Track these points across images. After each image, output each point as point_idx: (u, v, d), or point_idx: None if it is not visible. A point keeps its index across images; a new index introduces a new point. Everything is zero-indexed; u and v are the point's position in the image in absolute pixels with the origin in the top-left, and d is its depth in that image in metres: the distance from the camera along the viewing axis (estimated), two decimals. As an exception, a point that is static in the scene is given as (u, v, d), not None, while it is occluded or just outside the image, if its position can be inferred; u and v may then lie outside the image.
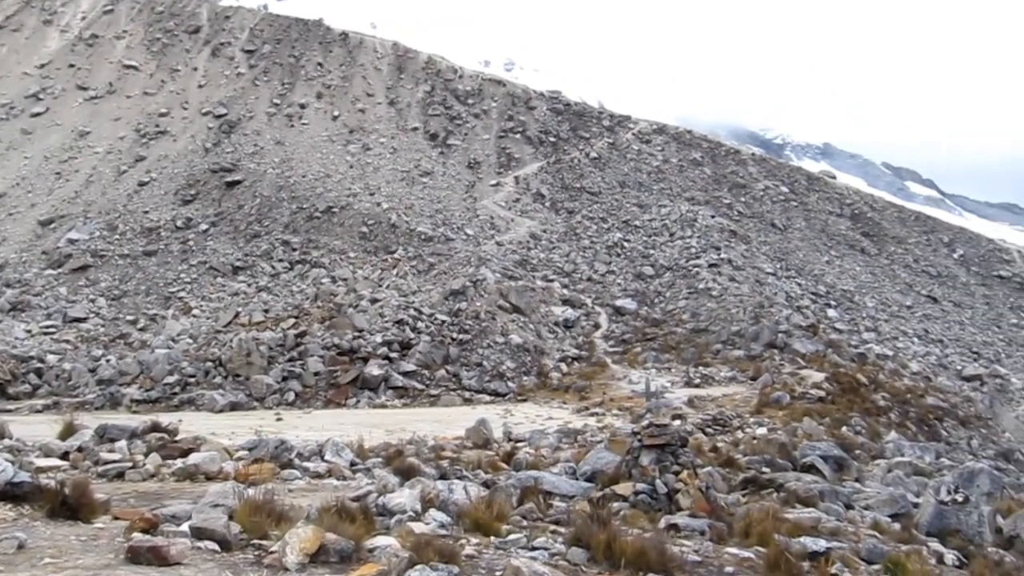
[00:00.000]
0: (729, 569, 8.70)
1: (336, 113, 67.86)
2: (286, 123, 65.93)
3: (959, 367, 46.51)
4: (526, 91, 75.98)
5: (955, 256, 63.71)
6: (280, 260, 50.24)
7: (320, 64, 73.02)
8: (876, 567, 9.68)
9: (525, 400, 34.09)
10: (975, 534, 12.85)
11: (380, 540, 7.71)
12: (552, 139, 69.01)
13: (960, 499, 13.37)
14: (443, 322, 38.67)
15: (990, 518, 13.28)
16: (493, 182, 62.52)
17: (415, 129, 67.51)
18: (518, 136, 68.49)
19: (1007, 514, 13.82)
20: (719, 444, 20.47)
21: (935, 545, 11.99)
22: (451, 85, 73.44)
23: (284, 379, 34.23)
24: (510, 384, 35.70)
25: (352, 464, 15.43)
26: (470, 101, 71.82)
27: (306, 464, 14.74)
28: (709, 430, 23.67)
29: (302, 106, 67.94)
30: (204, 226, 53.80)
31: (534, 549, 8.59)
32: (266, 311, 41.72)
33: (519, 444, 20.71)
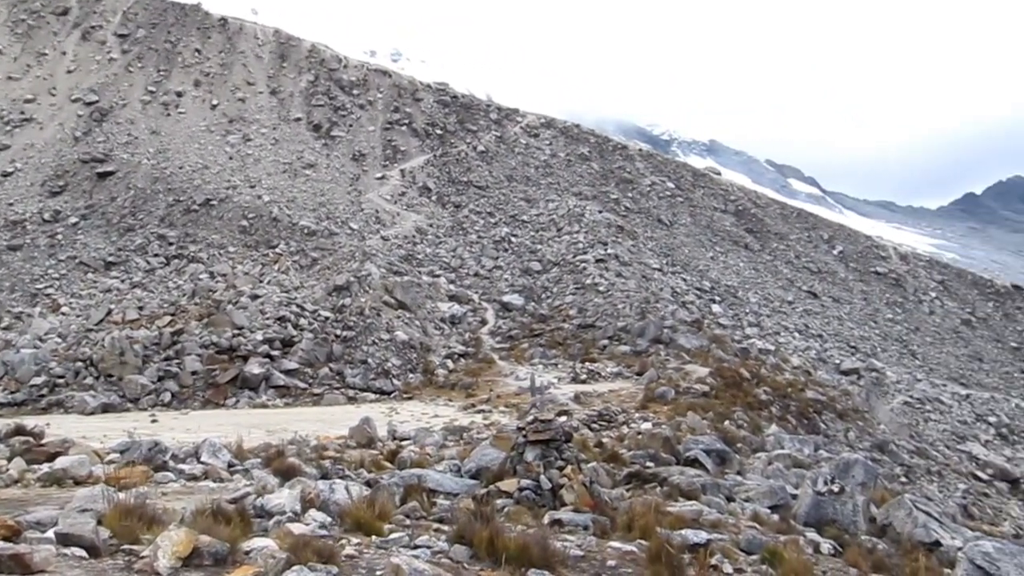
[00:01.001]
0: (612, 563, 8.75)
1: (215, 102, 65.79)
2: (162, 112, 63.61)
3: (837, 361, 47.93)
4: (413, 82, 75.04)
5: (834, 252, 65.72)
6: (155, 255, 48.40)
7: (198, 50, 70.65)
8: (755, 558, 9.82)
9: (411, 398, 33.60)
10: (850, 523, 13.29)
11: (257, 542, 7.55)
12: (439, 132, 68.38)
13: (836, 490, 13.79)
14: (326, 319, 37.84)
15: (864, 507, 13.76)
16: (378, 175, 61.56)
17: (298, 120, 65.98)
18: (404, 128, 67.65)
19: (880, 503, 14.28)
20: (604, 439, 20.53)
21: (812, 535, 12.31)
22: (335, 75, 71.99)
23: (160, 379, 32.97)
24: (395, 382, 35.15)
25: (230, 465, 15.06)
26: (355, 92, 70.55)
27: (181, 466, 14.37)
28: (595, 426, 23.74)
29: (179, 94, 65.65)
30: (74, 219, 51.47)
31: (416, 547, 8.51)
32: (140, 308, 40.19)
33: (404, 442, 20.43)
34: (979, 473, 38.10)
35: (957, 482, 34.20)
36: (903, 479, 30.97)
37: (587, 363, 36.93)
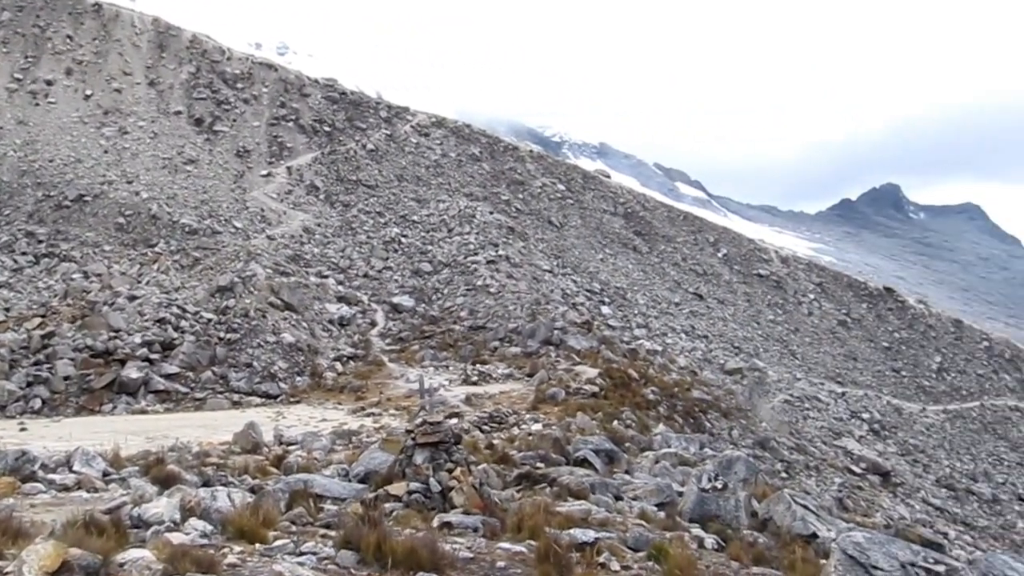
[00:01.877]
0: (501, 564, 8.75)
1: (88, 92, 62.99)
2: (29, 101, 60.71)
3: (722, 361, 49.05)
4: (300, 77, 73.30)
5: (719, 255, 67.17)
6: (23, 253, 46.24)
7: (70, 37, 67.43)
8: (642, 554, 9.94)
9: (298, 402, 32.94)
10: (732, 518, 13.54)
11: (133, 553, 7.21)
12: (327, 129, 67.21)
13: (719, 486, 14.06)
14: (209, 321, 36.75)
15: (746, 503, 14.03)
16: (264, 172, 60.12)
17: (178, 113, 63.88)
18: (291, 124, 66.21)
19: (761, 498, 14.58)
20: (495, 441, 20.56)
21: (696, 531, 12.51)
22: (218, 67, 69.84)
23: (28, 385, 31.28)
24: (282, 385, 34.40)
25: (105, 474, 14.40)
26: (239, 85, 68.64)
27: (52, 476, 13.69)
28: (485, 427, 23.78)
29: (48, 83, 62.68)
30: (-68, 214, 48.85)
31: (302, 554, 8.36)
32: (7, 310, 38.55)
33: (291, 447, 20.14)
34: (853, 467, 39.54)
35: (833, 476, 35.38)
36: (783, 474, 31.87)
37: (478, 365, 36.86)
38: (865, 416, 48.92)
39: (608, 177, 79.44)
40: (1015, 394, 58.05)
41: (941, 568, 9.43)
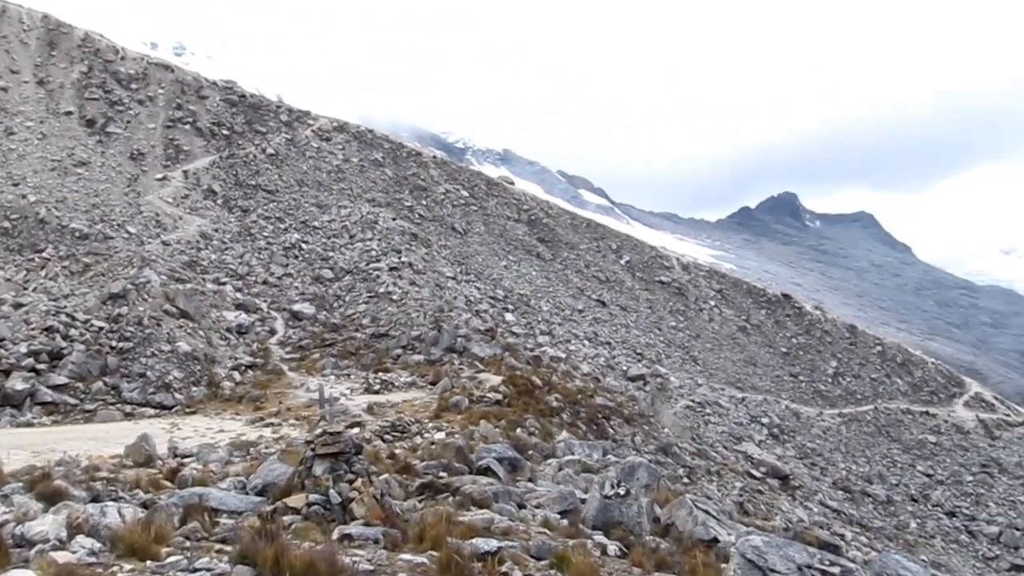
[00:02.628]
0: (402, 575, 8.73)
1: (-29, 90, 60.52)
2: (-91, 100, 58.00)
3: (625, 368, 49.45)
4: (197, 79, 71.31)
5: (622, 262, 67.82)
6: None
7: (-48, 33, 64.68)
8: (544, 563, 10.02)
9: (194, 412, 31.91)
10: (635, 524, 13.81)
11: (15, 574, 7.11)
12: (226, 132, 65.57)
13: (622, 493, 14.28)
14: (100, 329, 35.38)
15: (648, 509, 14.29)
16: (159, 176, 58.33)
17: (69, 113, 61.51)
18: (188, 127, 64.40)
19: (664, 504, 14.87)
20: (397, 451, 20.33)
21: (599, 538, 12.70)
22: (112, 67, 67.48)
23: (-98, 396, 29.82)
24: (177, 396, 33.30)
25: None
26: (134, 86, 66.43)
27: None
28: (388, 437, 23.49)
29: (-70, 81, 60.06)
30: None
31: (196, 571, 8.18)
32: None
33: (186, 460, 19.50)
34: (754, 471, 40.21)
35: (734, 480, 35.89)
36: (685, 480, 32.18)
37: (380, 373, 36.40)
38: (765, 421, 49.93)
39: (512, 184, 79.48)
40: (907, 397, 60.02)
41: (836, 570, 9.75)
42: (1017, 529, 46.10)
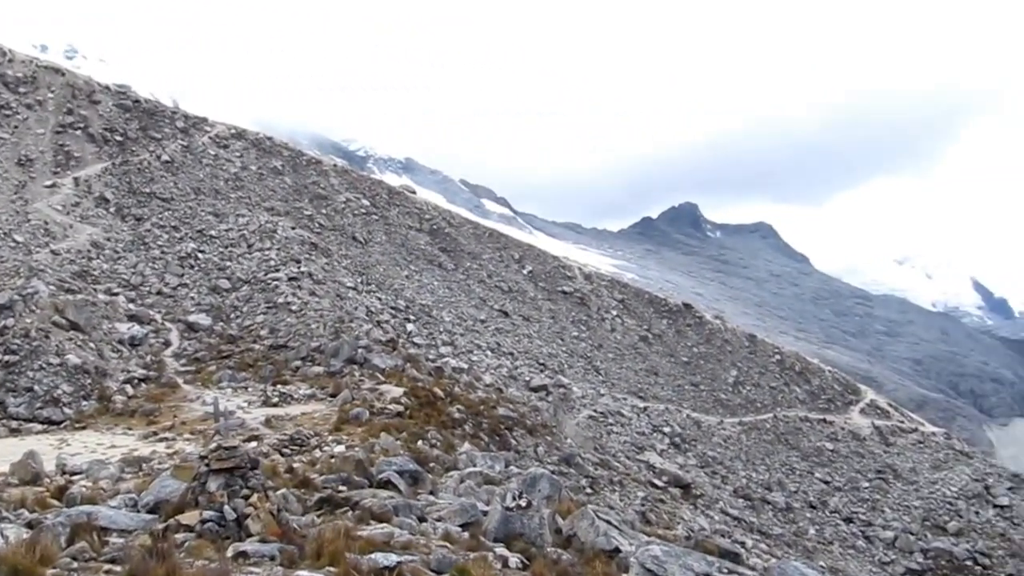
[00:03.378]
0: None
1: None
2: None
3: (527, 378, 49.45)
4: (89, 83, 68.75)
5: (524, 272, 67.92)
6: None
7: None
8: None
9: (84, 428, 30.78)
10: (536, 536, 13.83)
11: None
12: (119, 138, 63.38)
13: (523, 504, 14.27)
14: (-16, 341, 33.90)
15: (550, 520, 14.46)
16: (48, 183, 56.08)
17: (-48, 119, 59.04)
18: (79, 133, 62.09)
19: (566, 515, 15.04)
20: (296, 464, 20.01)
21: (500, 550, 12.69)
22: (-1, 71, 65.08)
23: None
24: (67, 410, 32.09)
25: None
26: (22, 90, 63.74)
27: None
28: (286, 450, 23.10)
29: None
30: None
31: None
32: None
33: (75, 477, 18.92)
34: (656, 481, 40.61)
35: (637, 490, 36.14)
36: (588, 490, 32.29)
37: (279, 385, 35.62)
38: (666, 430, 50.49)
39: (414, 193, 78.98)
40: (805, 405, 61.50)
41: (735, 577, 9.91)
42: (911, 534, 47.53)
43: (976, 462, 57.04)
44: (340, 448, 22.98)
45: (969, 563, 46.29)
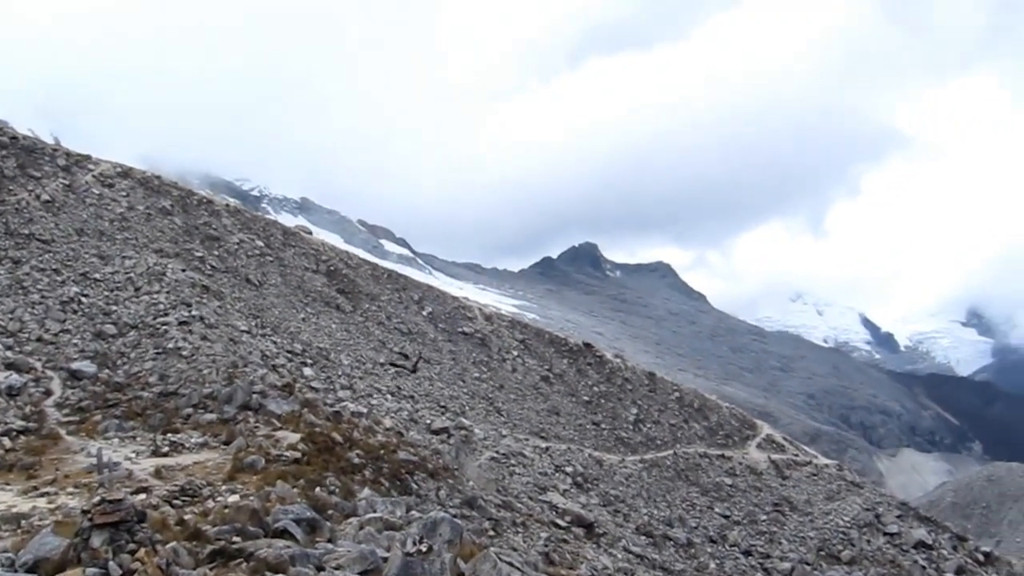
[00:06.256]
0: None
1: None
2: None
3: (428, 421, 48.67)
4: (-36, 123, 66.26)
5: (424, 313, 67.23)
6: None
7: None
8: None
9: (-44, 483, 28.93)
10: None
11: None
12: (-5, 179, 60.81)
13: (424, 549, 14.31)
14: None
15: (451, 564, 14.48)
16: (-81, 227, 53.39)
17: None
18: (-47, 174, 59.39)
19: (468, 558, 15.16)
20: (187, 516, 18.99)
21: None
22: None
23: None
24: (-65, 465, 30.09)
25: None
26: None
27: None
28: (177, 501, 22.03)
29: None
30: None
31: None
32: None
33: None
34: (559, 521, 40.27)
35: (540, 531, 35.74)
36: (491, 532, 31.76)
37: (169, 434, 34.14)
38: (569, 469, 50.25)
39: (310, 233, 77.53)
40: (704, 441, 62.16)
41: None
42: (807, 564, 48.19)
43: (867, 492, 58.47)
44: (234, 497, 22.07)
45: (862, 591, 47.43)
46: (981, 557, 52.37)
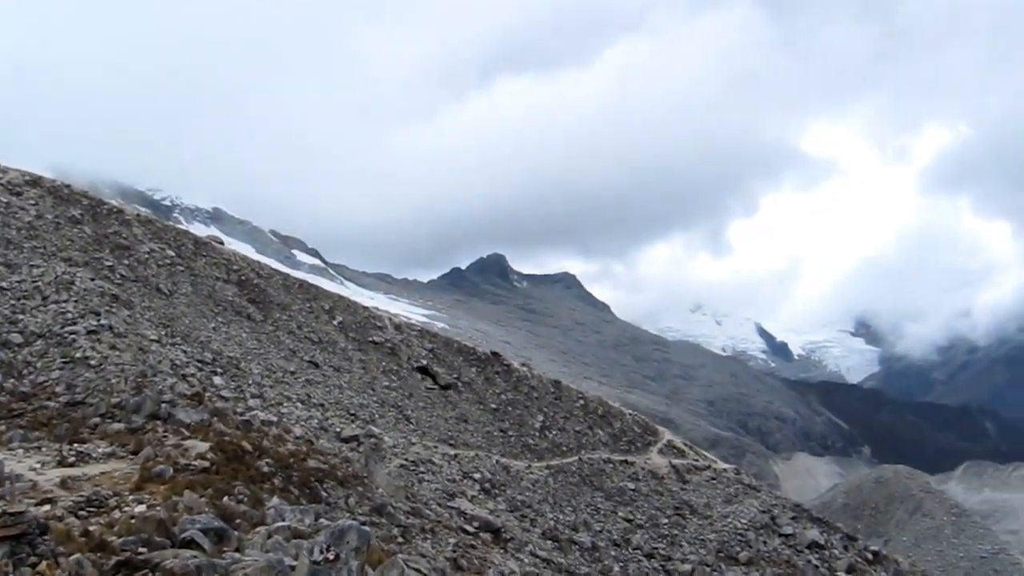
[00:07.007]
0: None
1: None
2: None
3: (338, 429, 48.95)
4: None
5: (335, 323, 67.30)
6: None
7: None
8: None
9: None
10: None
11: None
12: None
13: (331, 557, 14.45)
14: None
15: (359, 571, 14.58)
16: None
17: None
18: None
19: (376, 565, 15.24)
20: (92, 527, 18.97)
21: None
22: None
23: None
24: None
25: None
26: None
27: None
28: (82, 512, 21.98)
29: None
30: None
31: None
32: None
33: None
34: (467, 527, 41.04)
35: (448, 537, 36.47)
36: (400, 539, 32.36)
37: (76, 444, 33.91)
38: (477, 476, 51.04)
39: (221, 243, 76.93)
40: (608, 447, 63.51)
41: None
42: (707, 565, 49.75)
43: (763, 495, 60.39)
44: (141, 508, 22.01)
45: (758, 592, 49.17)
46: (870, 556, 54.42)
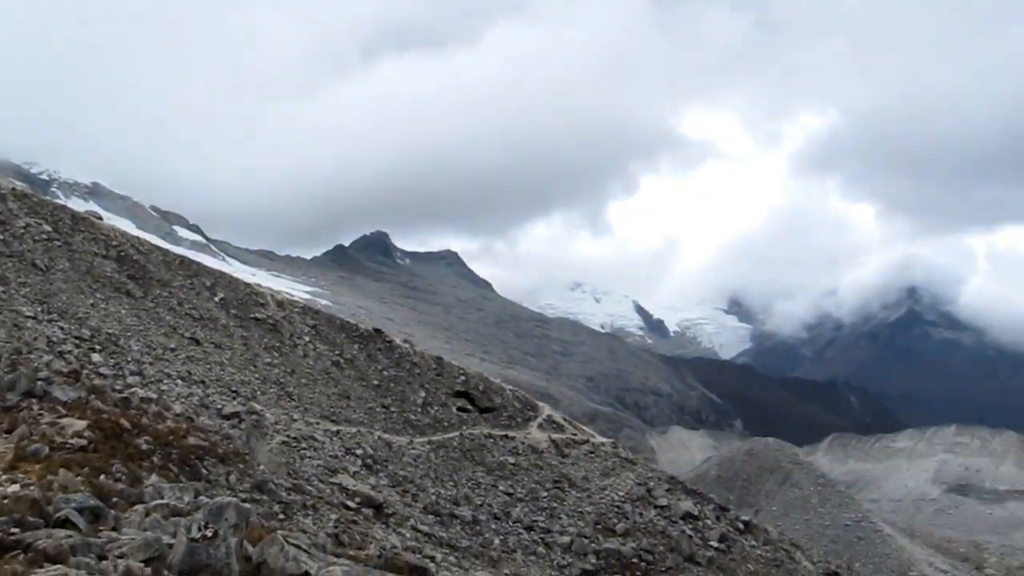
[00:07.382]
0: None
1: None
2: None
3: (220, 406, 48.63)
4: None
5: (216, 300, 66.39)
6: None
7: None
8: None
9: None
10: (224, 566, 13.97)
11: None
12: None
13: (209, 534, 14.36)
14: None
15: (237, 548, 14.52)
16: None
17: None
18: None
19: (256, 542, 15.20)
20: None
21: None
22: None
23: None
24: None
25: None
26: None
27: None
28: None
29: None
30: None
31: None
32: None
33: None
34: (349, 502, 41.51)
35: (330, 513, 36.93)
36: (281, 516, 32.67)
37: (-54, 423, 33.36)
38: (359, 452, 51.47)
39: (100, 219, 74.79)
40: (489, 423, 64.48)
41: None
42: (585, 537, 51.26)
43: (639, 468, 62.28)
44: (14, 487, 21.66)
45: (635, 560, 50.59)
46: (741, 526, 56.45)
